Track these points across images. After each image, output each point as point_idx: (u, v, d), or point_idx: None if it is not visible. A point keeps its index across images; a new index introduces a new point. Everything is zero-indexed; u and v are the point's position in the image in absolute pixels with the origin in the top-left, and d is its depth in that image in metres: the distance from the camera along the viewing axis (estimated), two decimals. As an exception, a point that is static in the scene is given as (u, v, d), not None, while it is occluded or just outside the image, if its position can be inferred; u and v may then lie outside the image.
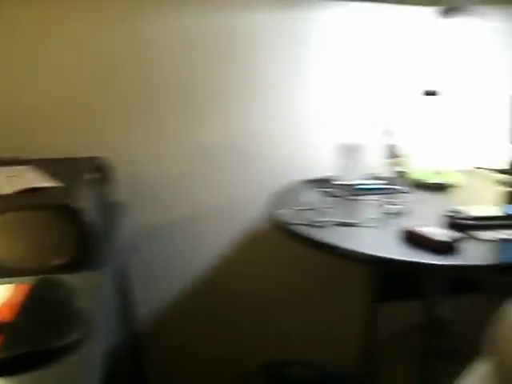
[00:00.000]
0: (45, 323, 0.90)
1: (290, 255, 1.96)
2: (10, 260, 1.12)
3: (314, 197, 1.75)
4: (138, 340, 1.89)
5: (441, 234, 1.36)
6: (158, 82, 1.78)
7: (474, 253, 1.33)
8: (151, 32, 1.74)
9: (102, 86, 1.75)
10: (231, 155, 1.90)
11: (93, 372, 0.84)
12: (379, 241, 1.43)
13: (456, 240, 1.34)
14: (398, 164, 1.88)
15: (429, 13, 1.83)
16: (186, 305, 2.01)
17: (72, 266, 1.12)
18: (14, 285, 1.03)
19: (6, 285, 1.03)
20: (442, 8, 1.79)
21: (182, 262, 1.96)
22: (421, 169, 1.91)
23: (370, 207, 1.68)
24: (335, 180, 1.87)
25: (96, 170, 1.49)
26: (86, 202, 1.18)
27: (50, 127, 1.73)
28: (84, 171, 1.43)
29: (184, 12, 1.74)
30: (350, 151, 1.83)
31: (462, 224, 1.44)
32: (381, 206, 1.65)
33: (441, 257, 1.29)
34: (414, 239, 1.36)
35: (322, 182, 1.88)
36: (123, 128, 1.79)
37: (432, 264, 1.27)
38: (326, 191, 1.78)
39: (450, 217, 1.47)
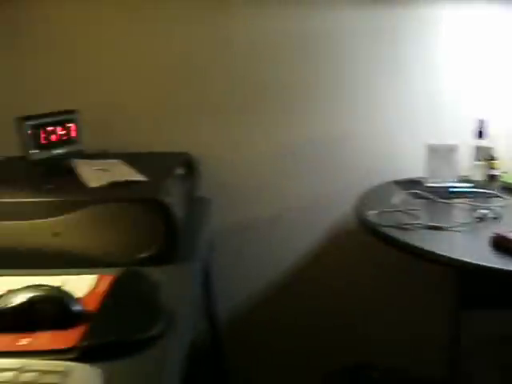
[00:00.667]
0: (128, 315, 0.91)
1: (375, 257, 1.92)
2: (97, 251, 1.14)
3: (403, 198, 1.70)
4: (218, 335, 1.90)
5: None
6: (248, 82, 1.78)
7: None
8: (239, 32, 1.74)
9: (190, 85, 1.77)
10: (320, 154, 1.88)
11: (173, 366, 0.84)
12: (469, 246, 1.37)
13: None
14: (490, 167, 1.80)
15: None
16: (268, 302, 2.01)
17: (157, 260, 1.14)
18: (99, 275, 1.05)
19: (92, 275, 1.06)
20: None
21: (266, 259, 1.95)
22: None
23: (460, 211, 1.62)
24: (426, 182, 1.81)
25: (184, 166, 1.50)
26: (173, 196, 1.19)
27: (138, 122, 1.77)
28: (172, 166, 1.44)
29: (270, 12, 1.73)
30: (442, 152, 1.77)
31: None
32: (472, 209, 1.58)
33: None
34: (506, 245, 1.30)
35: (413, 184, 1.83)
36: (210, 126, 1.80)
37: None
38: (416, 193, 1.73)
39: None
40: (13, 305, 0.87)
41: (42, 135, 1.38)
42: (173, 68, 1.76)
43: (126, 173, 1.32)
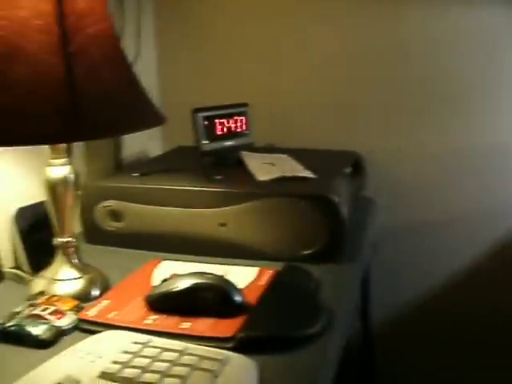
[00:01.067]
0: (288, 310, 0.90)
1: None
2: (260, 244, 1.15)
3: None
4: (370, 338, 1.85)
5: None
6: (416, 82, 1.71)
7: None
8: (409, 31, 1.68)
9: (356, 84, 1.73)
10: (493, 159, 1.76)
11: (329, 366, 0.82)
12: None
13: None
14: None
15: None
16: (424, 309, 1.92)
17: (320, 257, 1.12)
18: (261, 268, 1.06)
19: (254, 267, 1.06)
20: None
21: (425, 265, 1.87)
22: None
23: None
24: None
25: (351, 165, 1.47)
26: (341, 195, 1.17)
27: (306, 118, 1.76)
28: (341, 164, 1.42)
29: (441, 10, 1.65)
30: None
31: None
32: None
33: None
34: None
35: None
36: (378, 125, 1.75)
37: None
38: None
39: None
40: (178, 289, 0.89)
41: (214, 127, 1.41)
42: (339, 66, 1.73)
43: (294, 168, 1.32)
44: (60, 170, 0.96)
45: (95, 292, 1.00)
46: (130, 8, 1.58)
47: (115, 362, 0.71)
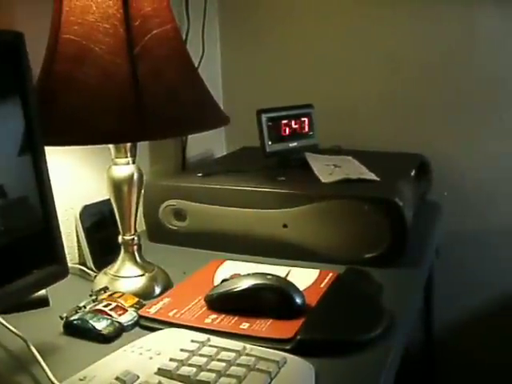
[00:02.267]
0: (348, 313, 0.89)
1: None
2: (322, 246, 1.14)
3: None
4: (431, 343, 1.81)
5: None
6: (489, 83, 1.66)
7: None
8: (483, 32, 1.63)
9: (427, 84, 1.69)
10: None
11: (388, 373, 0.81)
12: None
13: None
14: None
15: None
16: (486, 317, 1.86)
17: (383, 261, 1.10)
18: (322, 270, 1.05)
19: (315, 269, 1.05)
20: None
21: (488, 272, 1.81)
22: None
23: None
24: None
25: (417, 168, 1.45)
26: (405, 198, 1.15)
27: (371, 120, 1.74)
28: (405, 167, 1.40)
29: None
30: None
31: None
32: None
33: None
34: None
35: None
36: (445, 128, 1.71)
37: None
38: None
39: None
40: (238, 289, 0.90)
41: (279, 128, 1.41)
42: (406, 67, 1.70)
43: (358, 170, 1.30)
44: (125, 168, 0.98)
45: (157, 290, 1.01)
46: (195, 11, 1.59)
47: (173, 360, 0.72)
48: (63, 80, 0.87)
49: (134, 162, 0.99)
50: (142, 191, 1.02)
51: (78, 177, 1.19)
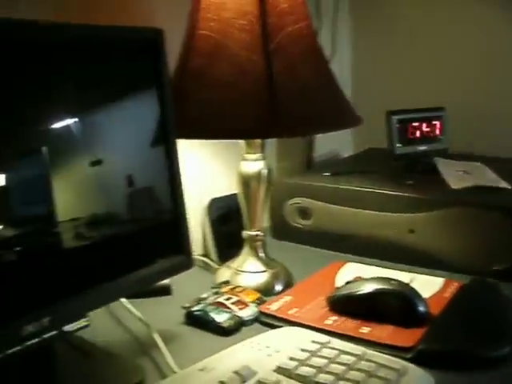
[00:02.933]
0: (473, 327, 0.85)
1: None
2: (448, 254, 1.10)
3: None
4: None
5: None
6: None
7: None
8: None
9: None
10: None
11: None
12: None
13: None
14: None
15: None
16: None
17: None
18: (446, 279, 1.01)
19: (439, 278, 1.01)
20: None
21: None
22: None
23: None
24: None
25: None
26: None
27: (505, 125, 1.65)
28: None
29: None
30: None
31: None
32: None
33: None
34: None
35: None
36: None
37: None
38: None
39: None
40: (361, 293, 0.88)
41: (408, 130, 1.37)
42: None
43: (489, 178, 1.24)
44: (254, 164, 0.99)
45: (278, 287, 1.01)
46: (327, 8, 1.58)
47: (292, 359, 0.71)
48: (198, 75, 0.89)
49: (263, 159, 1.00)
50: (271, 187, 1.02)
51: (207, 170, 1.22)
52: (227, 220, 1.15)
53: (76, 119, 0.68)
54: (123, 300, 0.89)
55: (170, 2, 1.08)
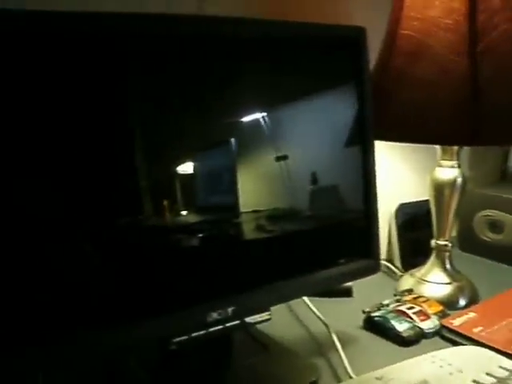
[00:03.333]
0: None
1: None
2: None
3: None
4: None
5: None
6: None
7: None
8: None
9: None
10: None
11: None
12: None
13: None
14: None
15: None
16: None
17: None
18: None
19: None
20: None
21: None
22: None
23: None
24: None
25: None
26: None
27: None
28: None
29: None
30: None
31: None
32: None
33: None
34: None
35: None
36: None
37: None
38: None
39: None
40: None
41: None
42: None
43: None
44: (449, 171, 0.95)
45: (462, 301, 0.96)
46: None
47: (476, 382, 0.67)
48: (398, 75, 0.86)
49: (459, 166, 0.95)
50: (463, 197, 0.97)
51: (396, 173, 1.18)
52: (414, 227, 1.11)
53: (266, 114, 0.69)
54: (304, 297, 0.90)
55: (366, 2, 1.06)
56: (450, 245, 0.98)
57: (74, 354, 0.59)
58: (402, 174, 1.19)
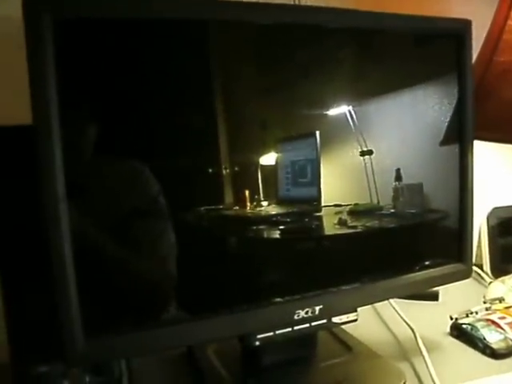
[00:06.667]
0: None
1: None
2: None
3: None
4: None
5: None
6: None
7: None
8: None
9: None
10: None
11: None
12: None
13: None
14: None
15: None
16: None
17: None
18: None
19: None
20: None
21: None
22: None
23: None
24: None
25: None
26: None
27: None
28: None
29: None
30: None
31: None
32: None
33: None
34: None
35: None
36: None
37: None
38: None
39: None
40: None
41: None
42: None
43: None
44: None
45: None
46: None
47: None
48: (503, 72, 0.82)
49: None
50: None
51: (491, 176, 1.13)
52: (507, 232, 1.06)
53: (353, 107, 0.67)
54: (390, 299, 0.87)
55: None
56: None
57: (159, 347, 0.59)
58: (498, 177, 1.13)
